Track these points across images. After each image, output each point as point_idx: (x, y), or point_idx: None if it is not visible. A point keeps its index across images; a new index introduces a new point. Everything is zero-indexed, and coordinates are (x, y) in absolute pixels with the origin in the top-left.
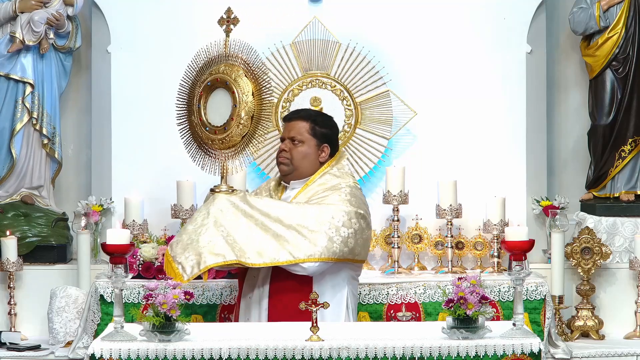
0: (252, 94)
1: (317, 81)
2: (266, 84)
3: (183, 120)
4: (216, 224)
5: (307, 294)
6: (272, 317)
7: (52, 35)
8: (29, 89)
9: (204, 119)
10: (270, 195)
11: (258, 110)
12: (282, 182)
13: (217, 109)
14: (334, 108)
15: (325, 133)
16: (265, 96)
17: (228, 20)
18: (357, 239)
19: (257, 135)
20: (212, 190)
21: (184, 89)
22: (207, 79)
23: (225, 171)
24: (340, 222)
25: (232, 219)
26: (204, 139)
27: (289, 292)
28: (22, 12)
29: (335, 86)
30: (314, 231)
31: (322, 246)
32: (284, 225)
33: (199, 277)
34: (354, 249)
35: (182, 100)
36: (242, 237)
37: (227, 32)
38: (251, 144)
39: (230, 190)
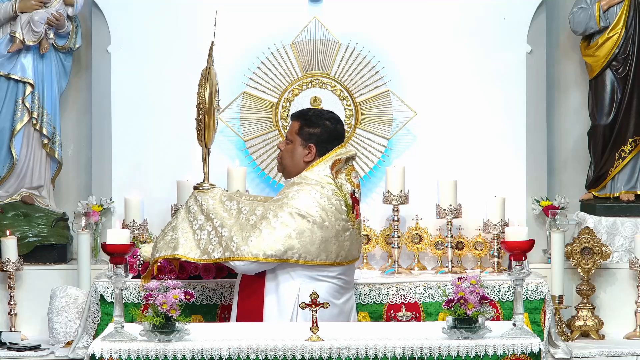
0: (210, 95)
1: (317, 81)
2: (216, 90)
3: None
4: (180, 219)
5: (259, 292)
6: (240, 315)
7: (52, 35)
8: (29, 89)
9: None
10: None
11: (209, 109)
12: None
13: None
14: (334, 108)
15: (312, 133)
16: (215, 99)
17: (215, 25)
18: (298, 240)
19: (211, 133)
20: (195, 188)
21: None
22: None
23: (205, 168)
24: (277, 222)
25: (194, 217)
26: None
27: (247, 289)
28: (22, 12)
29: (335, 86)
30: (249, 230)
31: (252, 245)
32: (226, 224)
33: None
34: (293, 250)
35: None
36: (197, 233)
37: (214, 35)
38: (210, 142)
39: (209, 188)
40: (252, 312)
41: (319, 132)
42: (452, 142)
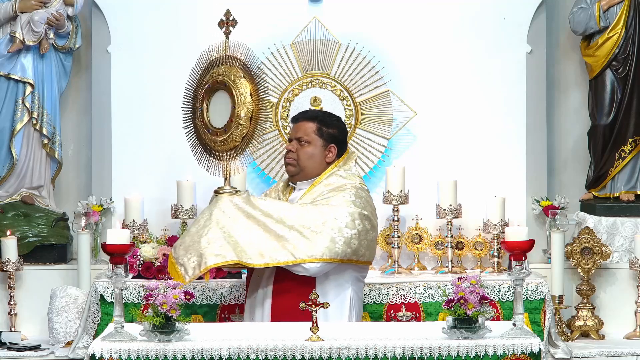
0: (250, 95)
1: (317, 81)
2: (263, 83)
3: (189, 123)
4: (218, 224)
5: (308, 293)
6: (274, 318)
7: (52, 35)
8: (29, 89)
9: (207, 121)
10: (278, 196)
11: (256, 110)
12: (290, 183)
13: (218, 111)
14: (334, 108)
15: (332, 133)
16: (263, 96)
17: (227, 23)
18: (361, 240)
19: (256, 135)
20: (216, 192)
21: (188, 92)
22: (208, 81)
23: (228, 173)
24: (343, 222)
25: (234, 220)
26: (207, 141)
27: (291, 292)
28: (22, 12)
29: (335, 86)
30: (315, 232)
31: (324, 247)
32: (286, 226)
33: (200, 277)
34: (358, 250)
35: (187, 103)
36: (243, 237)
37: (227, 34)
38: (251, 145)
39: (233, 192)
40: (299, 316)
41: (337, 132)
42: (452, 142)
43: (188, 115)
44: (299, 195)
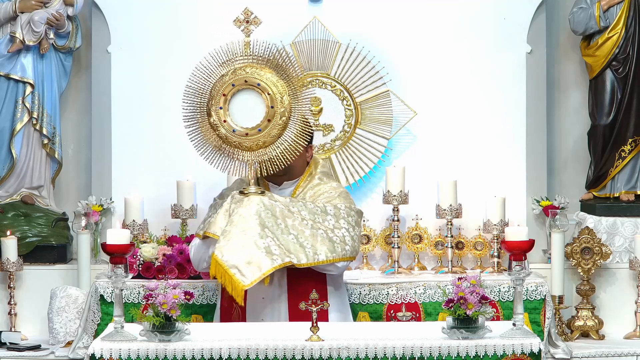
0: (288, 94)
1: (317, 81)
2: (301, 79)
3: (193, 122)
4: (261, 226)
5: (325, 294)
6: (293, 319)
7: (52, 35)
8: (29, 89)
9: (229, 120)
10: None
11: (295, 109)
12: (268, 182)
13: (243, 110)
14: (334, 108)
15: (310, 134)
16: (301, 95)
17: (247, 21)
18: (360, 238)
19: (295, 134)
20: (242, 193)
21: (192, 90)
22: (230, 81)
23: (255, 173)
24: (354, 221)
25: (273, 221)
26: (229, 140)
27: (309, 292)
28: (22, 12)
29: (335, 86)
30: (340, 230)
31: (349, 245)
32: (315, 224)
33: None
34: (360, 247)
35: (190, 102)
36: (285, 238)
37: (247, 33)
38: (287, 144)
39: (259, 192)
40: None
41: (313, 133)
42: (452, 142)
43: (193, 114)
44: (283, 194)
